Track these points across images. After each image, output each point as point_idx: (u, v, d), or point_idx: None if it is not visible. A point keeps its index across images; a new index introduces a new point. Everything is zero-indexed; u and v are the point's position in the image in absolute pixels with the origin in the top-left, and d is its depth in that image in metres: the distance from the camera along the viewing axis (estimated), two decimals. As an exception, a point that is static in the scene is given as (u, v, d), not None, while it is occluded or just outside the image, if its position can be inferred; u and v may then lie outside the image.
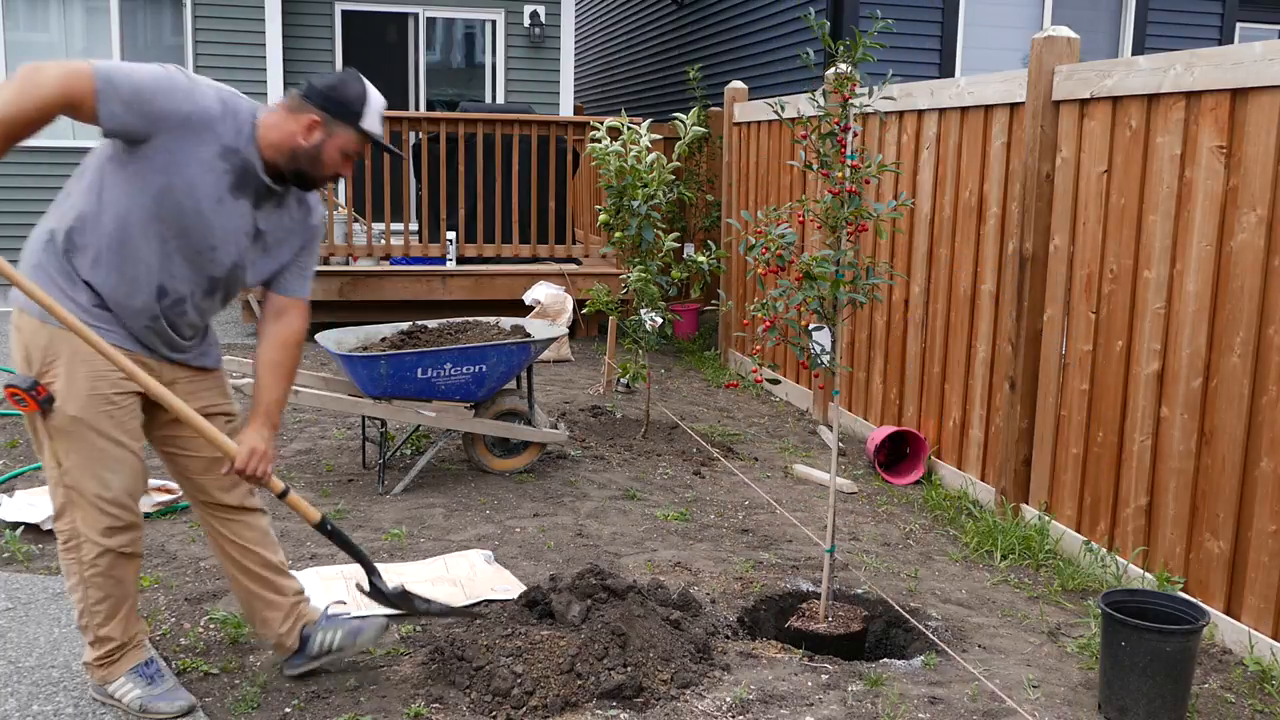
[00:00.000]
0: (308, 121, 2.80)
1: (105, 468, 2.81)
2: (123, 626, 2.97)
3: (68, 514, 2.84)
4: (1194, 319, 3.84)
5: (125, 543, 2.89)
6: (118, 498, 2.84)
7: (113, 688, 3.00)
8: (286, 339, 3.01)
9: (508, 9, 11.57)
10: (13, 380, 2.75)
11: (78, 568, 2.87)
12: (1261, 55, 3.53)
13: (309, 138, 2.81)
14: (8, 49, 10.13)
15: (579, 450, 5.77)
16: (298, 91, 2.84)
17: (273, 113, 2.83)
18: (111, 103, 2.60)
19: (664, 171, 6.15)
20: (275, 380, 3.00)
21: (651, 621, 3.36)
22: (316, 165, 2.85)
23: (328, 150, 2.84)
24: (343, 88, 2.82)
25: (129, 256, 2.76)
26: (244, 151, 2.78)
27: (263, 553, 3.17)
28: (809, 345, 3.64)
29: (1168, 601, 3.31)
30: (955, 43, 9.62)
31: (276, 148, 2.81)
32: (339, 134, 2.83)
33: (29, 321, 2.78)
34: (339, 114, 2.81)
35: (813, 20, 3.55)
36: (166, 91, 2.66)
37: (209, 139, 2.73)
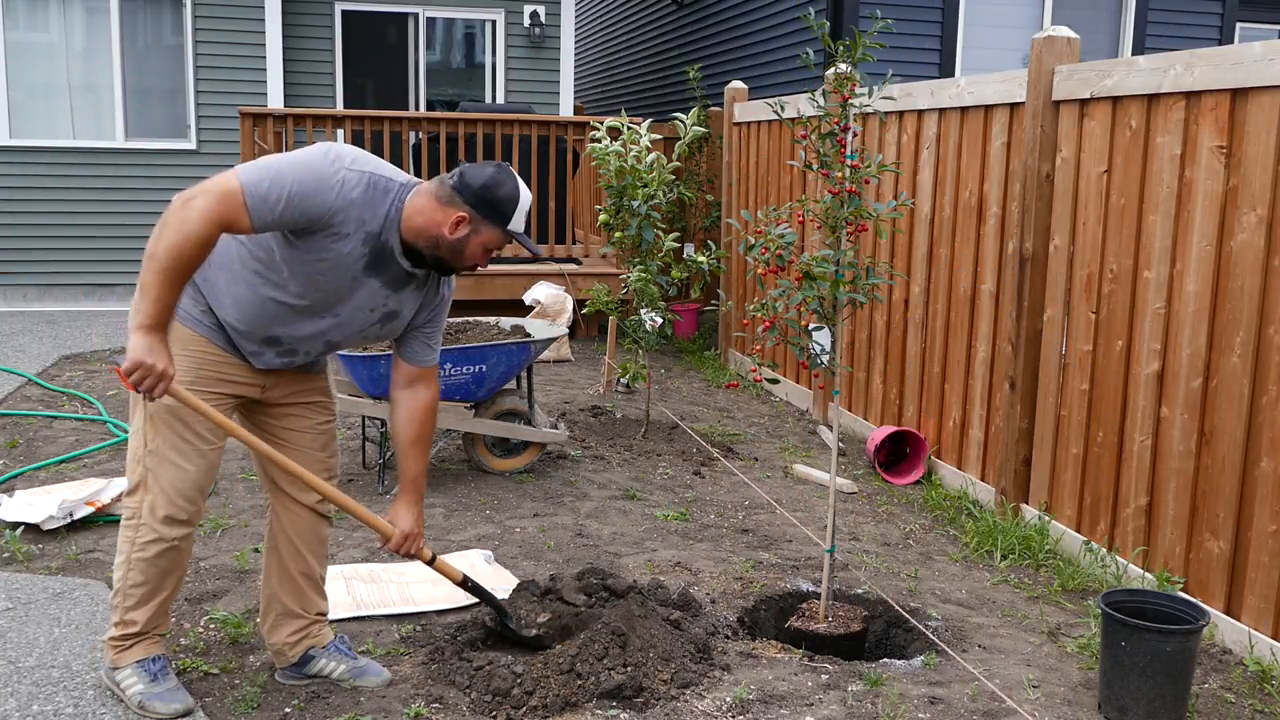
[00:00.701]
0: (456, 218, 2.80)
1: (185, 459, 2.89)
2: (149, 615, 3.01)
3: (139, 492, 2.91)
4: (1194, 319, 3.84)
5: (180, 536, 2.94)
6: (188, 490, 2.91)
7: (119, 675, 3.04)
8: (423, 411, 3.07)
9: (508, 9, 11.56)
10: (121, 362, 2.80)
11: (129, 547, 2.94)
12: (1261, 55, 3.53)
13: (455, 232, 2.81)
14: (8, 49, 10.12)
15: (579, 450, 5.77)
16: (450, 181, 2.83)
17: (419, 197, 2.82)
18: (264, 216, 2.65)
19: (664, 171, 6.15)
20: (418, 455, 3.08)
21: (651, 621, 3.36)
22: (458, 257, 2.87)
23: (471, 245, 2.85)
24: (496, 188, 2.81)
25: (248, 303, 2.83)
26: (384, 236, 2.80)
27: (310, 560, 3.21)
28: (809, 345, 3.64)
29: (1168, 601, 3.31)
30: (955, 43, 9.62)
31: (420, 233, 2.82)
32: (485, 232, 2.84)
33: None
34: (489, 215, 2.82)
35: (813, 20, 3.55)
36: (315, 192, 2.68)
37: (352, 226, 2.75)
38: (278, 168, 2.68)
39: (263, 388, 3.01)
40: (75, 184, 10.22)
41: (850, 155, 3.58)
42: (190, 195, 2.63)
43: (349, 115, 8.90)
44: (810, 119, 3.67)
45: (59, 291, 10.30)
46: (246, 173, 2.65)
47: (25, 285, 10.24)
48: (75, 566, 4.08)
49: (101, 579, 3.94)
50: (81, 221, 10.26)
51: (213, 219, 2.60)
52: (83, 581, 3.92)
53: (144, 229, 11.25)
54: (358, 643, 3.49)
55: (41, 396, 6.61)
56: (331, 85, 11.24)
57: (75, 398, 6.57)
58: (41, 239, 10.15)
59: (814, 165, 3.62)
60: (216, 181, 2.64)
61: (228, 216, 2.62)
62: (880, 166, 3.65)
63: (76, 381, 7.02)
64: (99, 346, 8.17)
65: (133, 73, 10.43)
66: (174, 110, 10.55)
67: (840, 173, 3.57)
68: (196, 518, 2.98)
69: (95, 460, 5.38)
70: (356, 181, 2.74)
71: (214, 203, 2.60)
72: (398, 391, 3.06)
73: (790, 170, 7.10)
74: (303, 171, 2.68)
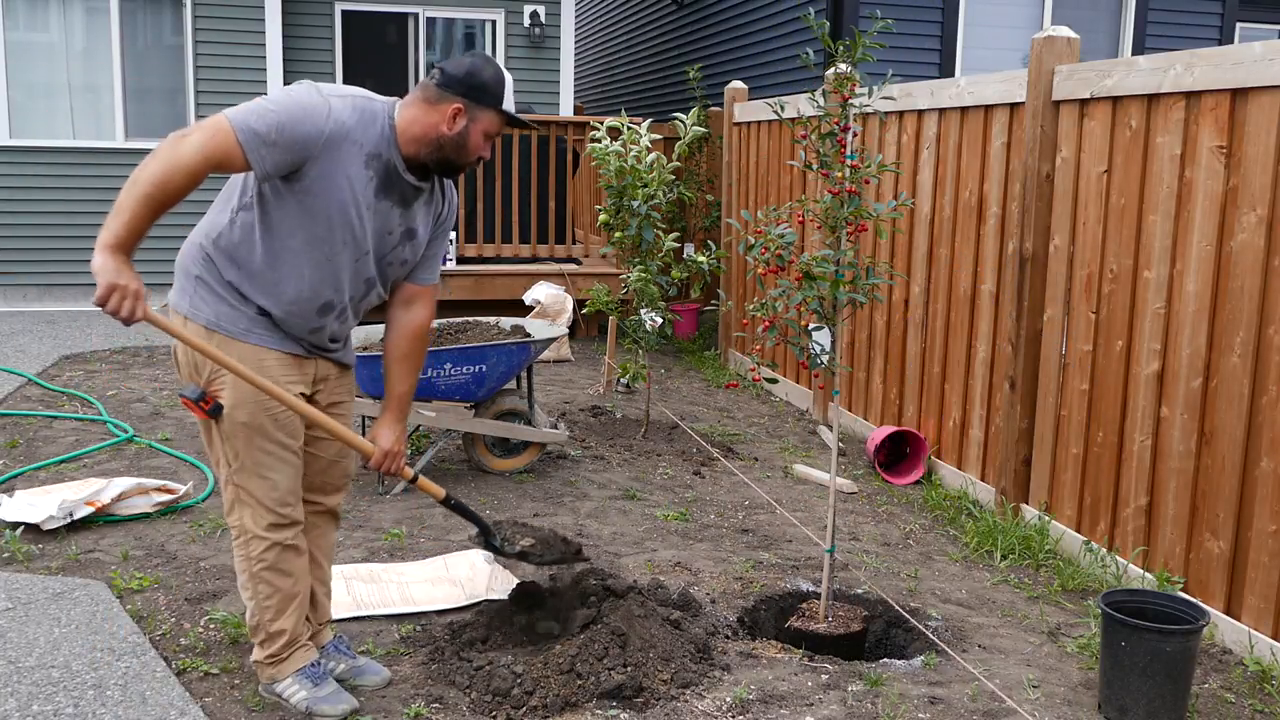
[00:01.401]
0: (451, 110, 2.82)
1: (270, 469, 2.92)
2: (293, 620, 3.04)
3: (236, 511, 2.96)
4: (1194, 319, 3.84)
5: (289, 536, 2.99)
6: (282, 497, 2.95)
7: (280, 687, 3.06)
8: (417, 329, 3.07)
9: (508, 9, 11.56)
10: (183, 391, 2.85)
11: (246, 564, 2.98)
12: (1261, 55, 3.53)
13: (453, 126, 2.84)
14: (8, 49, 10.12)
15: (579, 450, 5.77)
16: (431, 81, 2.85)
17: (409, 107, 2.85)
18: (258, 149, 2.65)
19: (664, 171, 6.15)
20: (406, 372, 3.08)
21: (651, 621, 3.36)
22: (462, 151, 2.88)
23: (472, 135, 2.87)
24: (480, 72, 2.84)
25: (290, 276, 2.84)
26: (386, 154, 2.82)
27: (326, 567, 3.27)
28: (809, 345, 3.64)
29: (1168, 601, 3.31)
30: (955, 43, 9.62)
31: (419, 141, 2.84)
32: (482, 118, 2.86)
33: (195, 329, 2.85)
34: (480, 99, 2.84)
35: (813, 20, 3.55)
36: (304, 118, 2.69)
37: (352, 150, 2.76)
38: (264, 103, 2.70)
39: (319, 380, 3.01)
40: (75, 184, 10.21)
41: (850, 155, 3.58)
42: (183, 132, 2.64)
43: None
44: (810, 119, 3.67)
45: (59, 291, 10.30)
46: (235, 111, 2.66)
47: (25, 285, 10.23)
48: (75, 566, 4.08)
49: (101, 579, 3.95)
50: (81, 221, 10.25)
51: (204, 152, 2.60)
52: (83, 581, 3.91)
53: (144, 229, 11.12)
54: (358, 643, 3.49)
55: (41, 396, 6.61)
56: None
57: (75, 398, 6.57)
58: (41, 239, 10.15)
59: (814, 165, 3.62)
60: (208, 120, 2.66)
61: (220, 150, 2.62)
62: (880, 166, 3.65)
63: (76, 381, 7.02)
64: (99, 346, 8.17)
65: (133, 73, 10.43)
66: (174, 110, 10.55)
67: (840, 173, 3.57)
68: (300, 515, 3.02)
69: (95, 460, 5.38)
70: (343, 106, 2.76)
71: (206, 137, 2.61)
72: (394, 310, 3.07)
73: (790, 170, 7.10)
74: (289, 102, 2.70)
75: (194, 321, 2.85)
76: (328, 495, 3.18)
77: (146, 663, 3.32)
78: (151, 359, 7.85)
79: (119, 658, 3.35)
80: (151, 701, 3.10)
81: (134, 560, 4.15)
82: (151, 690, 3.16)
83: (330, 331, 2.97)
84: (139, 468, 5.27)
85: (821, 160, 3.59)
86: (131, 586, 3.87)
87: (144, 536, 4.39)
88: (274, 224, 2.79)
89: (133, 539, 4.36)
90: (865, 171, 3.58)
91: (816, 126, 3.63)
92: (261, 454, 2.89)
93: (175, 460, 5.41)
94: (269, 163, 2.67)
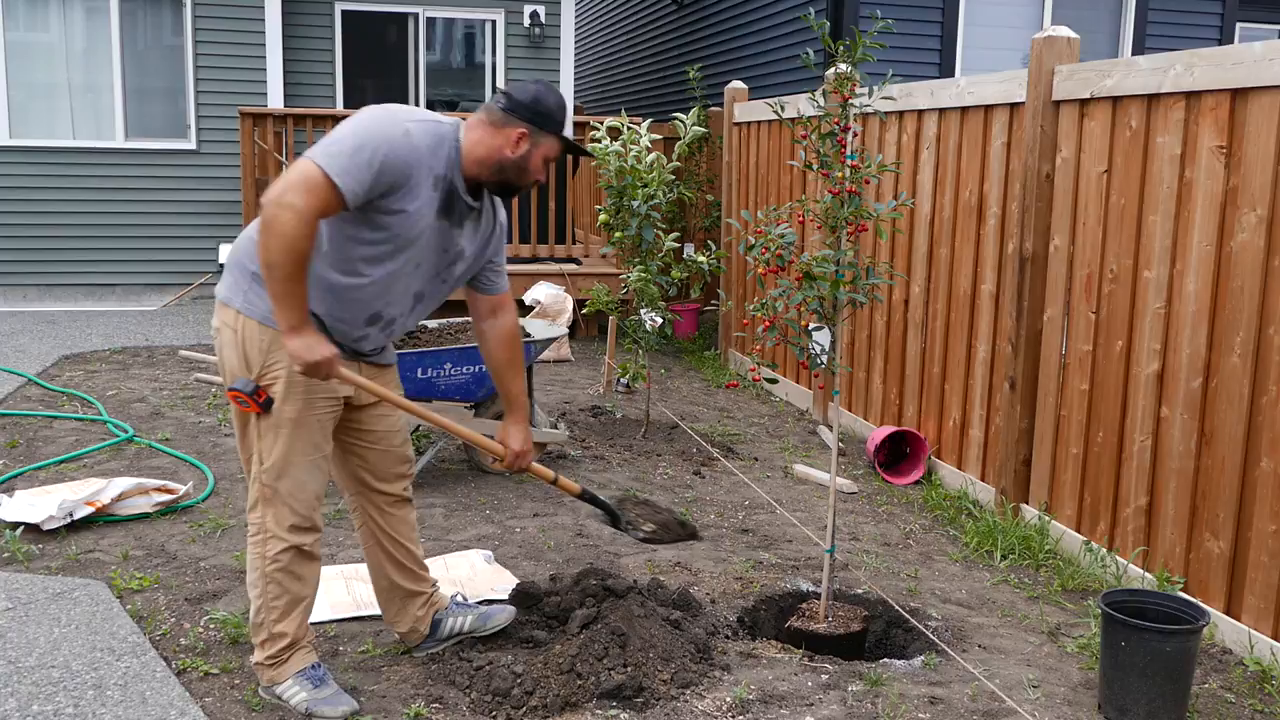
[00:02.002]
0: (516, 135, 2.91)
1: (303, 469, 2.97)
2: (296, 624, 3.07)
3: (260, 509, 2.99)
4: (1194, 319, 3.84)
5: (309, 541, 3.03)
6: (309, 500, 3.00)
7: (280, 689, 3.08)
8: (510, 334, 3.22)
9: (508, 9, 11.56)
10: (234, 384, 2.88)
11: (261, 563, 3.01)
12: (1261, 55, 3.53)
13: (516, 150, 2.92)
14: (8, 49, 10.12)
15: (579, 450, 5.77)
16: (496, 105, 2.94)
17: (473, 130, 2.93)
18: (354, 190, 2.71)
19: (664, 171, 6.15)
20: (515, 374, 3.25)
21: (651, 621, 3.36)
22: (522, 174, 2.97)
23: (533, 159, 2.96)
24: (545, 100, 2.94)
25: (346, 288, 2.89)
26: (450, 176, 2.90)
27: (411, 546, 3.32)
28: (809, 345, 3.64)
29: (1168, 601, 3.31)
30: (955, 43, 9.62)
31: (482, 163, 2.92)
32: (543, 143, 2.96)
33: (250, 324, 2.90)
34: (544, 125, 2.94)
35: (813, 20, 3.55)
36: (389, 152, 2.75)
37: (424, 174, 2.84)
38: (350, 143, 2.74)
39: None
40: (75, 184, 10.22)
41: (850, 155, 3.58)
42: (279, 195, 2.67)
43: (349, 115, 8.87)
44: (810, 119, 3.66)
45: (59, 291, 10.30)
46: (322, 157, 2.71)
47: (25, 285, 10.24)
48: (75, 566, 4.08)
49: (101, 579, 3.95)
50: (81, 221, 10.26)
51: (309, 213, 2.67)
52: (83, 581, 3.92)
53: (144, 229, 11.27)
54: (357, 643, 3.50)
55: (41, 396, 6.61)
56: (331, 85, 11.24)
57: (75, 398, 6.57)
58: (41, 239, 10.15)
59: (814, 165, 3.62)
60: (299, 174, 2.69)
61: (321, 204, 2.68)
62: (880, 166, 3.65)
63: (76, 381, 7.02)
64: (99, 346, 8.17)
65: (133, 73, 10.43)
66: (174, 110, 10.55)
67: (840, 173, 3.57)
68: (320, 522, 3.06)
69: (95, 460, 5.38)
70: (420, 132, 2.83)
71: (305, 197, 2.66)
72: (482, 324, 3.21)
73: (790, 170, 7.10)
74: (374, 139, 2.75)
75: (247, 315, 2.90)
76: (396, 482, 3.25)
77: (146, 663, 3.32)
78: (151, 359, 7.85)
79: (119, 658, 3.36)
80: (151, 701, 3.10)
81: (134, 560, 4.15)
82: (151, 690, 3.16)
83: (374, 342, 3.05)
84: (139, 468, 5.27)
85: (821, 160, 3.59)
86: (131, 586, 3.87)
87: (144, 536, 4.39)
88: (339, 237, 2.85)
89: (133, 539, 4.36)
90: (865, 171, 3.58)
91: (816, 126, 3.63)
92: (297, 454, 2.94)
93: (175, 460, 5.41)
94: (359, 199, 2.75)
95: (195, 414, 6.32)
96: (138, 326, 9.07)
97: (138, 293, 10.48)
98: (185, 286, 10.51)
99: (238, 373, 2.91)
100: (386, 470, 3.22)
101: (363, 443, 3.17)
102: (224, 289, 2.97)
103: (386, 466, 3.22)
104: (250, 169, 8.66)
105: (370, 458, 3.19)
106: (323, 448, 3.00)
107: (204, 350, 7.78)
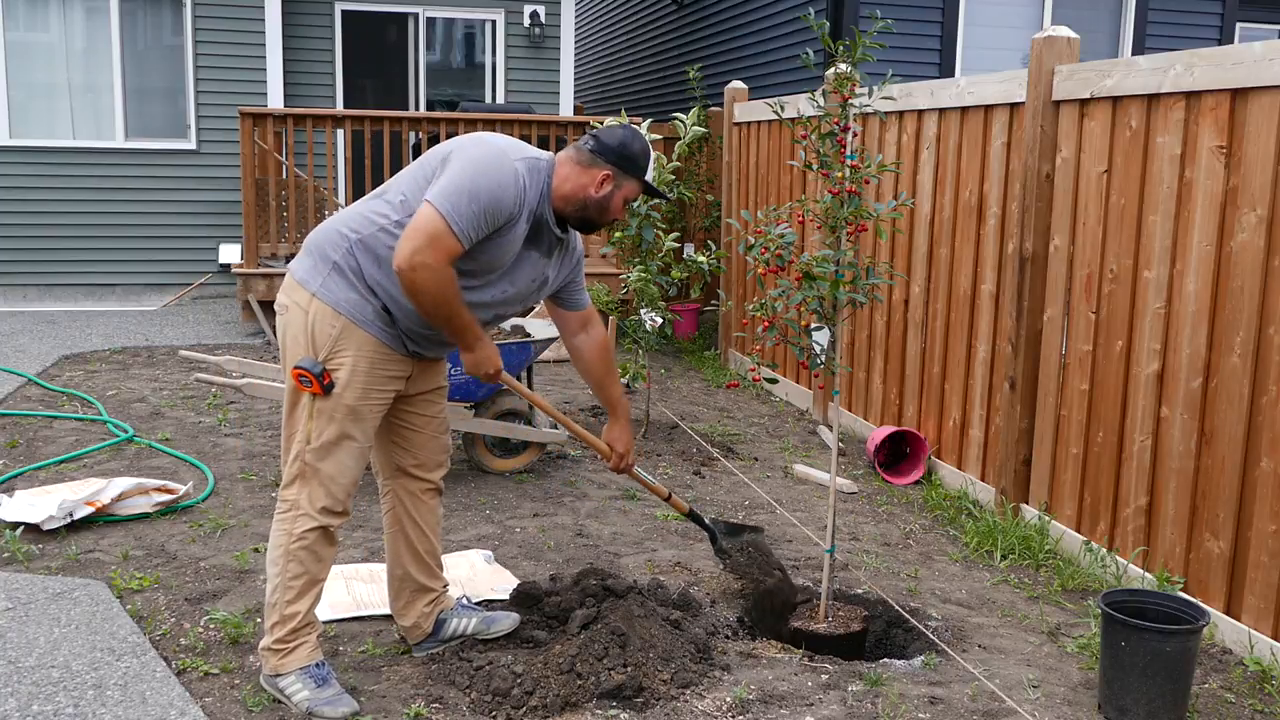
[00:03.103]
0: (601, 176, 3.07)
1: (348, 455, 3.04)
2: (308, 606, 3.10)
3: (296, 485, 3.05)
4: (1194, 319, 3.84)
5: (336, 524, 3.09)
6: (346, 485, 3.07)
7: (283, 683, 3.09)
8: (603, 344, 3.39)
9: (508, 9, 11.56)
10: (302, 363, 2.96)
11: (285, 539, 3.05)
12: (1261, 55, 3.53)
13: (600, 190, 3.08)
14: (8, 49, 10.13)
15: (579, 450, 5.77)
16: (586, 146, 3.09)
17: (563, 166, 3.08)
18: (472, 235, 2.86)
19: (664, 171, 6.15)
20: (614, 381, 3.43)
21: (651, 621, 3.36)
22: (603, 213, 3.13)
23: (615, 200, 3.12)
24: (630, 146, 3.09)
25: None
26: (540, 208, 3.04)
27: (433, 538, 3.39)
28: (809, 345, 3.64)
29: (1168, 601, 3.31)
30: (955, 43, 9.62)
31: (568, 199, 3.07)
32: (626, 186, 3.12)
33: (324, 309, 2.97)
34: (628, 170, 3.10)
35: (813, 20, 3.55)
36: (503, 195, 2.89)
37: (522, 210, 2.97)
38: (469, 188, 2.85)
39: (408, 379, 3.15)
40: (75, 184, 10.22)
41: (850, 155, 3.58)
42: (411, 257, 2.79)
43: (349, 115, 8.89)
44: (810, 119, 3.66)
45: (59, 291, 10.30)
46: (442, 203, 2.82)
47: (25, 285, 10.24)
48: (75, 566, 4.08)
49: (101, 579, 3.95)
50: (81, 221, 10.26)
51: (442, 264, 2.82)
52: (83, 581, 3.92)
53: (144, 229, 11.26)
54: (357, 643, 3.50)
55: (41, 396, 6.62)
56: (331, 85, 11.24)
57: (75, 398, 6.57)
58: (41, 239, 10.15)
59: (814, 165, 3.62)
60: (425, 230, 2.81)
61: (447, 254, 2.83)
62: (880, 166, 3.65)
63: (76, 381, 7.02)
64: (99, 346, 8.18)
65: (133, 73, 10.43)
66: (174, 110, 10.55)
67: (840, 173, 3.57)
68: (349, 510, 3.12)
69: (95, 460, 5.38)
70: (526, 170, 2.97)
71: (434, 254, 2.81)
72: (574, 339, 3.37)
73: (790, 170, 7.10)
74: (489, 182, 2.87)
75: (322, 300, 2.97)
76: (434, 470, 3.33)
77: (146, 663, 3.32)
78: (151, 359, 7.85)
79: (119, 658, 3.36)
80: (151, 701, 3.10)
81: (134, 560, 4.15)
82: (151, 690, 3.16)
83: (436, 344, 3.13)
84: (139, 468, 5.27)
85: (821, 160, 3.59)
86: (131, 586, 3.87)
87: (144, 536, 4.39)
88: None
89: (133, 539, 4.36)
90: (865, 171, 3.58)
91: (816, 127, 3.63)
92: (345, 438, 3.01)
93: (175, 460, 5.41)
94: (474, 240, 2.88)
95: (195, 414, 6.32)
96: (138, 326, 9.07)
97: (138, 293, 10.48)
98: (185, 286, 10.51)
99: (302, 352, 2.98)
100: (427, 458, 3.31)
101: (409, 427, 3.26)
102: (301, 270, 3.03)
103: (428, 454, 3.30)
104: (250, 169, 8.67)
105: (414, 443, 3.28)
106: (369, 437, 3.09)
107: (204, 350, 7.78)
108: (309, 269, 3.02)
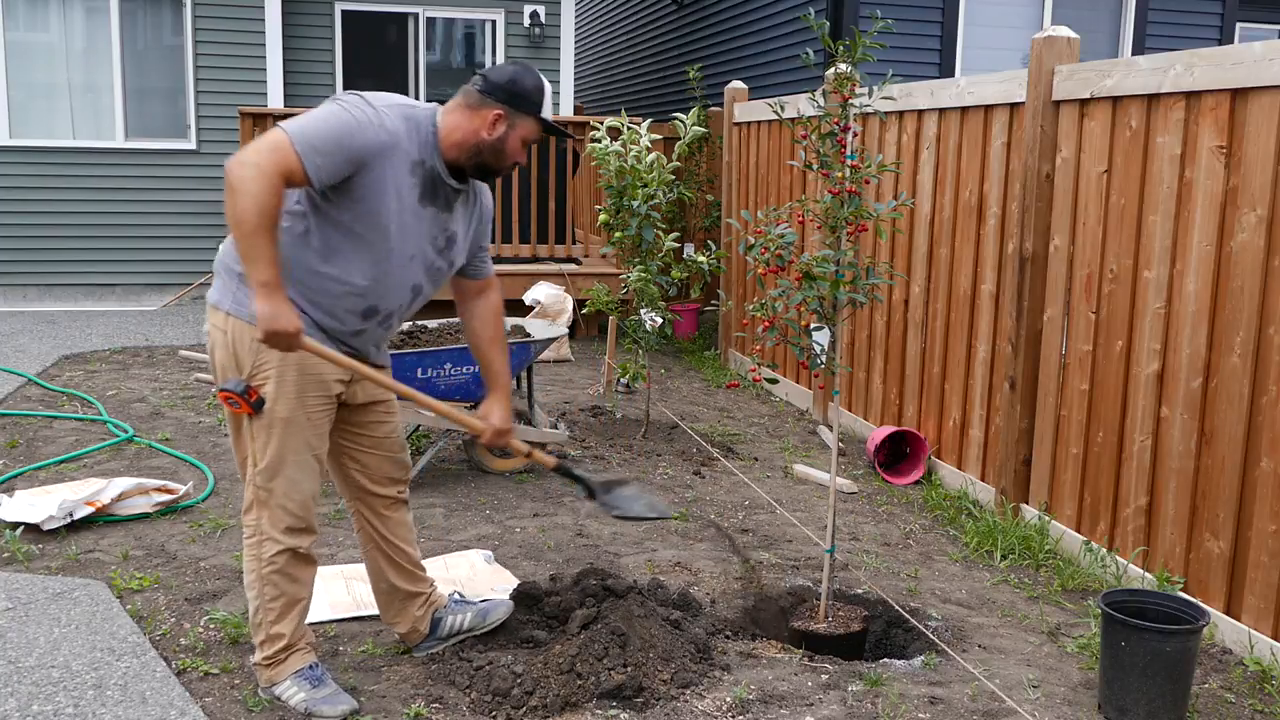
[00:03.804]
0: (492, 116, 2.90)
1: (296, 469, 2.96)
2: (293, 625, 3.07)
3: (255, 511, 3.00)
4: (1194, 319, 3.84)
5: (304, 544, 3.03)
6: (303, 500, 2.99)
7: (279, 689, 3.08)
8: (495, 310, 3.24)
9: (508, 9, 11.56)
10: (225, 385, 2.86)
11: (256, 565, 3.01)
12: (1261, 55, 3.53)
13: (493, 131, 2.91)
14: (8, 49, 10.12)
15: (579, 450, 5.77)
16: (474, 88, 2.94)
17: (451, 113, 2.93)
18: (315, 160, 2.71)
19: (664, 171, 6.15)
20: (499, 353, 3.26)
21: (651, 621, 3.36)
22: (500, 157, 2.96)
23: (511, 141, 2.95)
24: (521, 81, 2.93)
25: (337, 283, 2.89)
26: (429, 161, 2.91)
27: (408, 548, 3.33)
28: (809, 345, 3.64)
29: (1168, 601, 3.31)
30: (955, 43, 9.61)
31: (459, 146, 2.92)
32: (521, 125, 2.94)
33: (238, 324, 2.89)
34: (521, 106, 2.92)
35: (813, 20, 3.55)
36: (358, 129, 2.76)
37: (401, 159, 2.84)
38: (319, 116, 2.76)
39: (350, 381, 3.03)
40: (75, 184, 10.22)
41: (850, 155, 3.58)
42: (243, 157, 2.68)
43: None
44: (810, 119, 3.66)
45: (59, 291, 10.30)
46: (291, 125, 2.72)
47: (25, 285, 10.24)
48: (75, 566, 4.08)
49: (101, 579, 3.95)
50: (81, 221, 10.26)
51: (273, 170, 2.66)
52: (83, 581, 3.92)
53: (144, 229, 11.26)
54: (357, 643, 3.50)
55: (41, 396, 6.61)
56: (331, 85, 11.24)
57: (75, 398, 6.57)
58: (41, 239, 10.15)
59: (814, 165, 3.62)
60: (264, 139, 2.71)
61: (284, 165, 2.67)
62: (880, 166, 3.65)
63: (76, 381, 7.02)
64: (99, 346, 8.17)
65: (133, 73, 10.43)
66: (174, 110, 10.55)
67: (840, 173, 3.57)
68: (315, 524, 3.06)
69: (95, 460, 5.38)
70: (394, 115, 2.84)
71: (270, 155, 2.67)
72: (469, 302, 3.22)
73: (790, 170, 7.10)
74: (343, 116, 2.76)
75: (235, 317, 2.89)
76: (394, 486, 3.25)
77: (146, 663, 3.32)
78: (151, 359, 7.85)
79: (119, 658, 3.36)
80: (151, 701, 3.10)
81: (134, 560, 4.15)
82: (151, 690, 3.16)
83: (373, 337, 3.04)
84: (139, 468, 5.27)
85: (821, 160, 3.59)
86: (131, 586, 3.88)
87: (144, 536, 4.39)
88: (324, 231, 2.85)
89: (133, 539, 4.36)
90: (865, 171, 3.58)
91: (816, 126, 3.63)
92: (289, 453, 2.93)
93: (175, 460, 5.41)
94: (325, 173, 2.74)
95: (195, 414, 6.32)
96: (137, 326, 9.07)
97: (137, 293, 10.48)
98: (185, 286, 10.50)
99: (229, 373, 2.91)
100: (382, 474, 3.22)
101: (359, 447, 3.17)
102: (213, 293, 2.97)
103: (383, 471, 3.22)
104: (250, 169, 8.67)
105: (367, 462, 3.20)
106: (316, 447, 2.99)
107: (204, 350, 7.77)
108: (219, 289, 2.95)
